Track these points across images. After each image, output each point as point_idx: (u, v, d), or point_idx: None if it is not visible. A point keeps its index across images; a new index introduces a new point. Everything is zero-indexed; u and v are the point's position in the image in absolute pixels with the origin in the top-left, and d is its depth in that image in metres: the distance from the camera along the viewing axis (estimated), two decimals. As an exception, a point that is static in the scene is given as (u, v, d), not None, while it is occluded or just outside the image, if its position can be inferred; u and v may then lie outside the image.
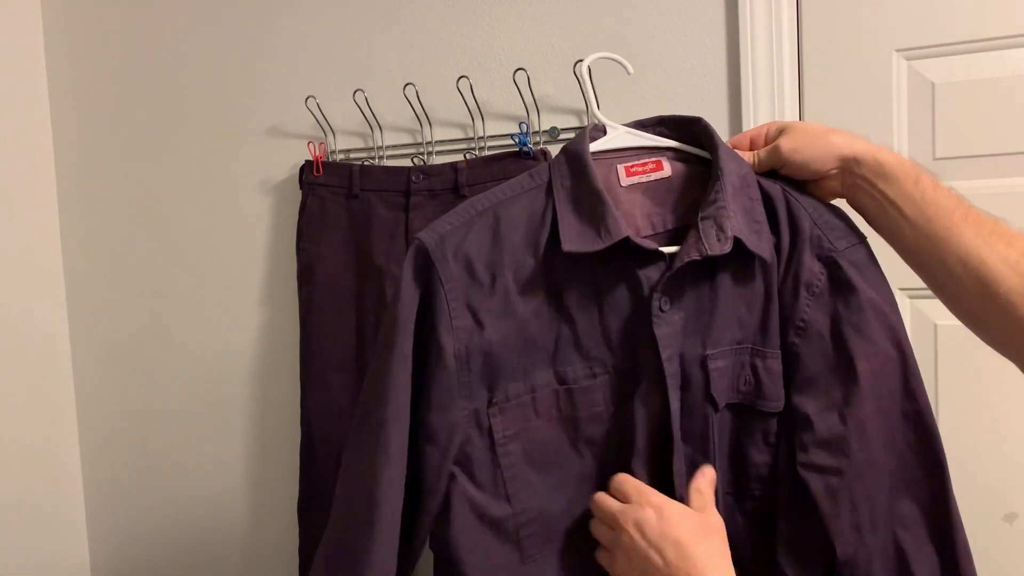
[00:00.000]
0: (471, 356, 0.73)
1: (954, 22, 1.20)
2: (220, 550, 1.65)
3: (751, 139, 0.82)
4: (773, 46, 1.26)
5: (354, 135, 1.50)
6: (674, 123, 0.82)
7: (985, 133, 1.20)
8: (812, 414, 0.73)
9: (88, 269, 1.71)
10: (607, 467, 0.75)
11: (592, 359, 0.75)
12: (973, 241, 0.70)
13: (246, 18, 1.57)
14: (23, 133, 1.66)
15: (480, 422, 0.74)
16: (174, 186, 1.64)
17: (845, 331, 0.74)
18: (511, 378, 0.75)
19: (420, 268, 0.74)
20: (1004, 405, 1.21)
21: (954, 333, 1.24)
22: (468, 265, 0.74)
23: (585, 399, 0.75)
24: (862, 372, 0.73)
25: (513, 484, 0.75)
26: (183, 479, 1.67)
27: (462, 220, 0.76)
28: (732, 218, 0.72)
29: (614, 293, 0.74)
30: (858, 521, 0.72)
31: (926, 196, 0.72)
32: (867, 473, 0.72)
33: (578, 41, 1.37)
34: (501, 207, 0.76)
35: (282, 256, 1.56)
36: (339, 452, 1.43)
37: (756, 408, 0.76)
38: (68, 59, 1.69)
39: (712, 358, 0.74)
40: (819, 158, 0.76)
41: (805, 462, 0.73)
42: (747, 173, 0.77)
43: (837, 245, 0.75)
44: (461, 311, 0.73)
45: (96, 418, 1.72)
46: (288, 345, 1.55)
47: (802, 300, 0.75)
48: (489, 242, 0.75)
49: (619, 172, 0.80)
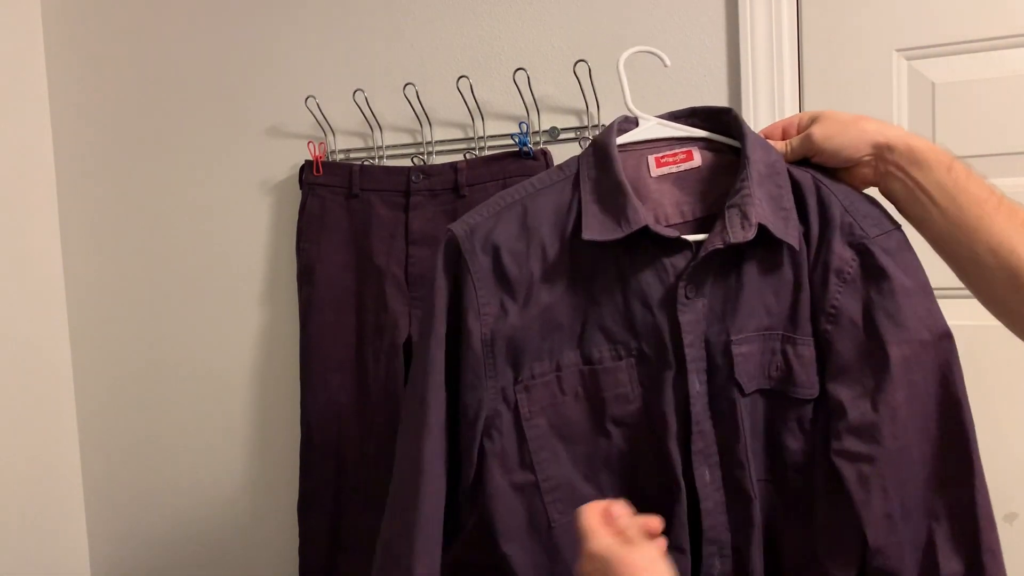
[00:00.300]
0: (496, 340, 0.78)
1: (954, 22, 1.20)
2: (220, 550, 1.65)
3: (783, 128, 0.83)
4: (773, 46, 1.26)
5: (354, 135, 1.50)
6: (705, 113, 0.84)
7: (985, 133, 1.20)
8: (846, 401, 0.74)
9: (88, 270, 1.71)
10: (638, 446, 0.78)
11: (617, 342, 0.78)
12: (1005, 231, 0.70)
13: (246, 18, 1.57)
14: (23, 133, 1.66)
15: (507, 398, 0.79)
16: (174, 186, 1.64)
17: (877, 317, 0.74)
18: (536, 358, 0.79)
19: (450, 258, 0.79)
20: (1004, 405, 1.21)
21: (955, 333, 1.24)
22: (496, 255, 0.78)
23: (610, 379, 0.78)
24: (894, 358, 0.73)
25: (539, 454, 0.78)
26: (183, 479, 1.67)
27: (492, 212, 0.80)
28: (757, 205, 0.73)
29: (640, 280, 0.77)
30: (889, 509, 0.72)
31: (958, 184, 0.72)
32: (899, 461, 0.73)
33: (578, 41, 1.37)
34: (529, 199, 0.80)
35: (282, 256, 1.56)
36: (339, 452, 1.43)
37: (789, 395, 0.77)
38: (68, 59, 1.69)
39: (736, 343, 0.76)
40: (852, 145, 0.76)
41: (838, 449, 0.73)
42: (775, 161, 0.78)
43: (869, 232, 0.76)
44: (488, 298, 0.78)
45: (96, 419, 1.72)
46: (288, 345, 1.55)
47: (832, 287, 0.75)
48: (516, 232, 0.79)
49: (649, 163, 0.83)
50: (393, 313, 1.38)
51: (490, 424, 0.78)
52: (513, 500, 0.78)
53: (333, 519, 1.44)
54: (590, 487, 0.79)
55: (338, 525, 1.44)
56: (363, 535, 1.42)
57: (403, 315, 1.39)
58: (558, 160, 1.36)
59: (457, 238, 0.79)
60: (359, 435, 1.42)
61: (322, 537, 1.45)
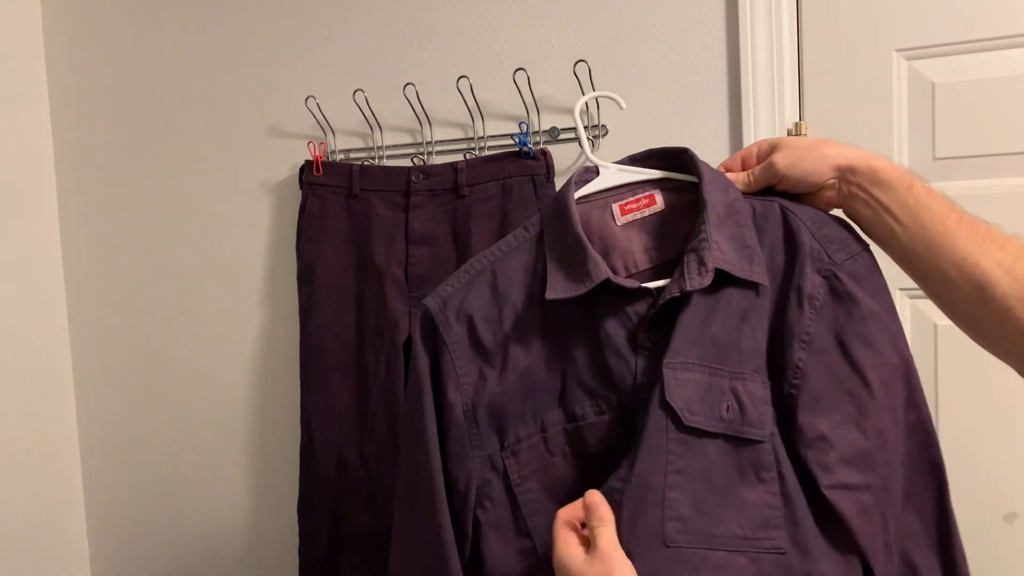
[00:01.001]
0: (477, 408, 0.78)
1: (954, 22, 1.20)
2: (220, 550, 1.65)
3: (742, 159, 0.83)
4: (773, 46, 1.26)
5: (354, 135, 1.50)
6: (663, 155, 0.84)
7: (985, 133, 1.20)
8: (827, 431, 0.71)
9: (88, 270, 1.71)
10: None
11: (598, 396, 0.76)
12: (967, 246, 0.71)
13: (246, 18, 1.57)
14: (23, 133, 1.66)
15: (496, 466, 0.78)
16: (174, 186, 1.64)
17: (851, 343, 0.73)
18: (520, 421, 0.78)
19: (427, 332, 0.80)
20: (1004, 405, 1.21)
21: (954, 333, 1.23)
22: (470, 324, 0.79)
23: (595, 436, 0.76)
24: (874, 383, 0.72)
25: (533, 519, 0.77)
26: (183, 479, 1.67)
27: (463, 282, 0.81)
28: (714, 250, 0.72)
29: (607, 331, 0.76)
30: (888, 538, 0.71)
31: (920, 202, 0.73)
32: (891, 486, 0.72)
33: (578, 41, 1.37)
34: (498, 264, 0.81)
35: (282, 256, 1.56)
36: (339, 452, 1.43)
37: (742, 436, 0.72)
38: (68, 59, 1.69)
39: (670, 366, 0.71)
40: (815, 170, 0.76)
41: (831, 483, 0.70)
42: (734, 200, 0.78)
43: (836, 258, 0.75)
44: (466, 368, 0.78)
45: (96, 419, 1.72)
46: (288, 345, 1.55)
47: (806, 315, 0.74)
48: (488, 299, 0.79)
49: (614, 211, 0.83)
50: (393, 313, 1.38)
51: (481, 494, 0.78)
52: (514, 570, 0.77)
53: (333, 519, 1.44)
54: None
55: (338, 525, 1.44)
56: (363, 535, 1.42)
57: (403, 315, 1.39)
58: (558, 160, 1.37)
59: (431, 311, 0.80)
60: (359, 435, 1.42)
61: (322, 537, 1.45)
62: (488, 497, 0.78)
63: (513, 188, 1.35)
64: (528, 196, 1.34)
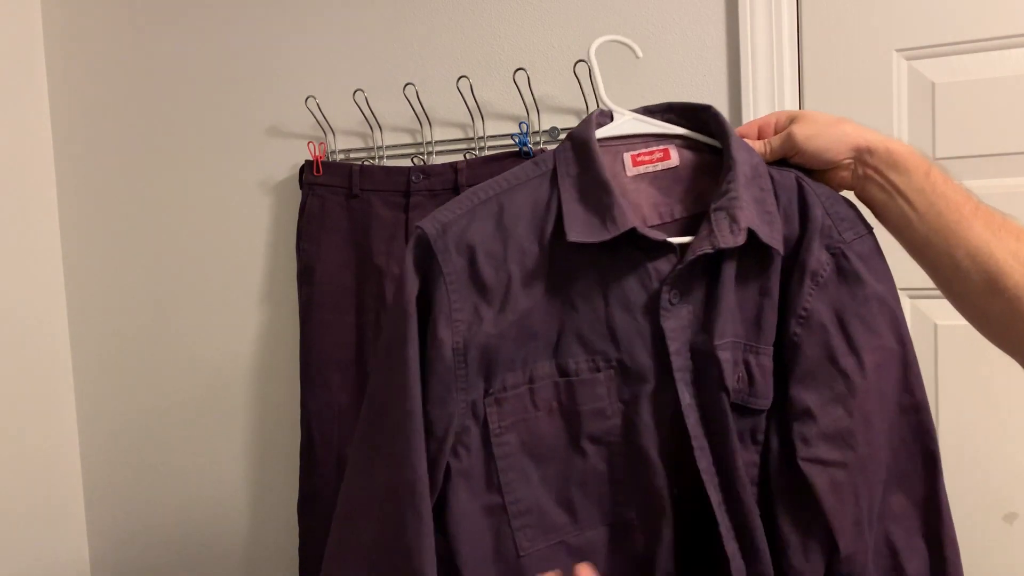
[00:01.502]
0: (468, 349, 0.72)
1: (954, 22, 1.20)
2: (220, 550, 1.65)
3: (759, 128, 0.81)
4: (773, 45, 1.26)
5: (354, 135, 1.50)
6: (682, 110, 0.80)
7: (985, 133, 1.20)
8: (813, 406, 0.72)
9: (88, 269, 1.71)
10: (617, 466, 0.74)
11: (596, 352, 0.73)
12: (982, 235, 0.70)
13: (246, 18, 1.57)
14: (23, 133, 1.66)
15: (476, 412, 0.73)
16: (174, 186, 1.64)
17: (851, 323, 0.73)
18: (509, 368, 0.73)
19: (421, 258, 0.73)
20: (1004, 405, 1.21)
21: (954, 333, 1.24)
22: (471, 256, 0.72)
23: (586, 392, 0.73)
24: (868, 365, 0.72)
25: (507, 474, 0.73)
26: (183, 479, 1.67)
27: (465, 209, 0.74)
28: (745, 209, 0.71)
29: (621, 285, 0.73)
30: (859, 516, 0.71)
31: (936, 189, 0.72)
32: (869, 467, 0.72)
33: (578, 41, 1.37)
34: (505, 196, 0.75)
35: (282, 256, 1.56)
36: (339, 452, 1.43)
37: (747, 406, 0.74)
38: (68, 59, 1.69)
39: (720, 349, 0.72)
40: (832, 147, 0.75)
41: (808, 456, 0.71)
42: (758, 163, 0.76)
43: (845, 236, 0.75)
44: (461, 304, 0.72)
45: (96, 418, 1.72)
46: (288, 345, 1.55)
47: (806, 289, 0.73)
48: (492, 232, 0.73)
49: (625, 161, 0.78)
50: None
51: (457, 441, 0.72)
52: (479, 525, 0.73)
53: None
54: (562, 512, 0.74)
55: (338, 525, 1.44)
56: (363, 535, 1.42)
57: (403, 315, 1.38)
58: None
59: (428, 237, 0.72)
60: (359, 435, 1.42)
61: (322, 537, 1.44)
62: (463, 445, 0.72)
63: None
64: (528, 196, 1.34)
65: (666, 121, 0.80)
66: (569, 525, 0.74)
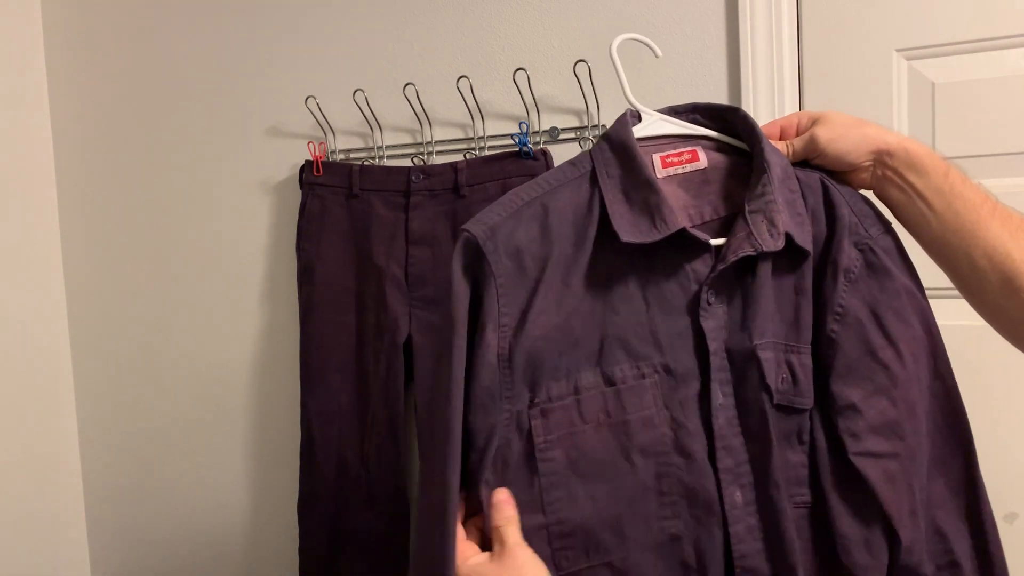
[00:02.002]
0: (514, 355, 0.70)
1: (954, 22, 1.20)
2: (220, 550, 1.65)
3: (781, 128, 0.82)
4: (773, 45, 1.26)
5: (354, 135, 1.50)
6: (709, 111, 0.80)
7: (985, 133, 1.20)
8: (858, 400, 0.72)
9: (88, 269, 1.71)
10: (667, 477, 0.71)
11: (640, 358, 0.72)
12: (999, 236, 0.71)
13: (246, 18, 1.57)
14: (23, 133, 1.66)
15: (520, 424, 0.71)
16: (174, 186, 1.64)
17: (885, 316, 0.74)
18: (553, 377, 0.72)
19: (471, 262, 0.72)
20: (1004, 405, 1.21)
21: (955, 333, 1.24)
22: (518, 258, 0.72)
23: (634, 401, 0.71)
24: (905, 355, 0.73)
25: (551, 493, 0.70)
26: (183, 479, 1.67)
27: (510, 211, 0.73)
28: (782, 212, 0.71)
29: (660, 287, 0.73)
30: (914, 505, 0.71)
31: (955, 189, 0.73)
32: (918, 455, 0.72)
33: (578, 41, 1.37)
34: (548, 197, 0.74)
35: (282, 256, 1.56)
36: (339, 452, 1.43)
37: (793, 406, 0.74)
38: (68, 59, 1.69)
39: (761, 348, 0.72)
40: (854, 150, 0.76)
41: (859, 451, 0.72)
42: (787, 165, 0.77)
43: (871, 232, 0.76)
44: (509, 307, 0.71)
45: (96, 419, 1.72)
46: (288, 345, 1.55)
47: (840, 286, 0.74)
48: (538, 234, 0.73)
49: (655, 162, 0.78)
50: (393, 313, 1.38)
51: (497, 456, 0.70)
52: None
53: (333, 519, 1.44)
54: (609, 533, 0.70)
55: (338, 525, 1.44)
56: (363, 535, 1.42)
57: (403, 315, 1.39)
58: (558, 160, 1.36)
59: (478, 239, 0.71)
60: (359, 435, 1.42)
61: (322, 537, 1.45)
62: (504, 461, 0.70)
63: (513, 188, 1.35)
64: (528, 196, 1.34)
65: (691, 122, 0.80)
66: (616, 547, 0.71)
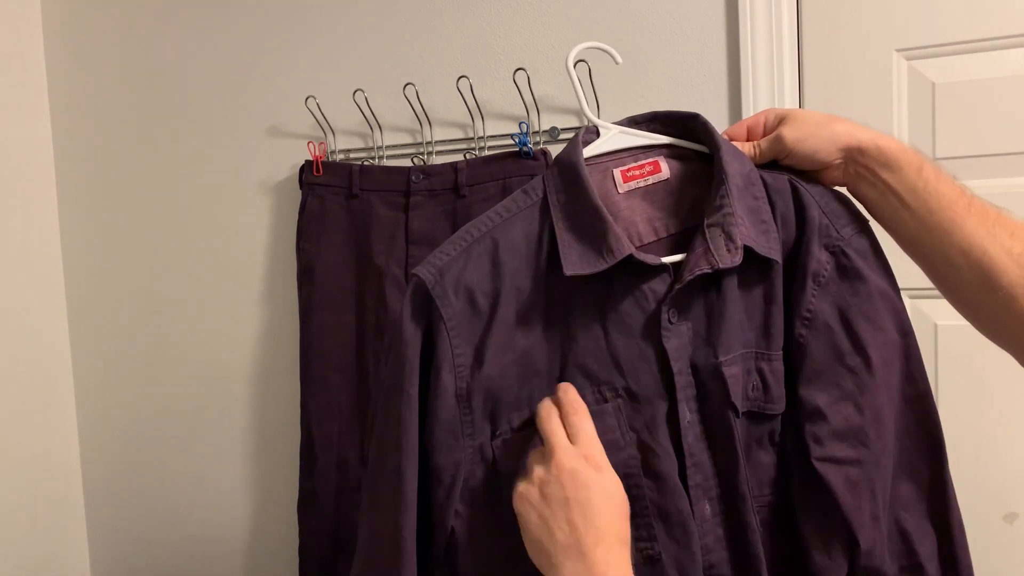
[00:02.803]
0: (472, 394, 0.71)
1: (954, 22, 1.20)
2: (220, 550, 1.65)
3: (748, 128, 0.80)
4: (773, 46, 1.26)
5: (354, 135, 1.50)
6: (668, 119, 0.79)
7: (985, 133, 1.20)
8: (823, 406, 0.72)
9: (88, 269, 1.71)
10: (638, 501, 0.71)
11: (601, 382, 0.72)
12: (976, 232, 0.70)
13: (246, 18, 1.57)
14: (23, 133, 1.66)
15: (484, 456, 0.72)
16: (174, 186, 1.64)
17: (855, 320, 0.73)
18: (515, 408, 0.72)
19: (420, 305, 0.72)
20: (1004, 405, 1.21)
21: (954, 333, 1.24)
22: (469, 298, 0.72)
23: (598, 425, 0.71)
24: (875, 361, 0.72)
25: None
26: (183, 479, 1.67)
27: (459, 250, 0.73)
28: (740, 225, 0.70)
29: (618, 310, 0.72)
30: (876, 510, 0.71)
31: (928, 186, 0.71)
32: (883, 461, 0.72)
33: (578, 41, 1.36)
34: (498, 230, 0.74)
35: (282, 256, 1.56)
36: (339, 452, 1.43)
37: (764, 412, 0.74)
38: (68, 59, 1.69)
39: (726, 364, 0.72)
40: (823, 149, 0.74)
41: (821, 456, 0.71)
42: (750, 171, 0.75)
43: (843, 234, 0.74)
44: (463, 348, 0.71)
45: (96, 419, 1.72)
46: (288, 345, 1.55)
47: (808, 290, 0.73)
48: (488, 270, 0.73)
49: (616, 177, 0.77)
50: (393, 313, 1.38)
51: (465, 487, 0.71)
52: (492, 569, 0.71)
53: (333, 519, 1.44)
54: None
55: (338, 525, 1.44)
56: (363, 535, 1.42)
57: (403, 315, 1.38)
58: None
59: (426, 283, 0.71)
60: (359, 435, 1.42)
61: (322, 537, 1.45)
62: (471, 493, 0.71)
63: (513, 188, 1.35)
64: (528, 196, 1.34)
65: (652, 131, 0.79)
66: None
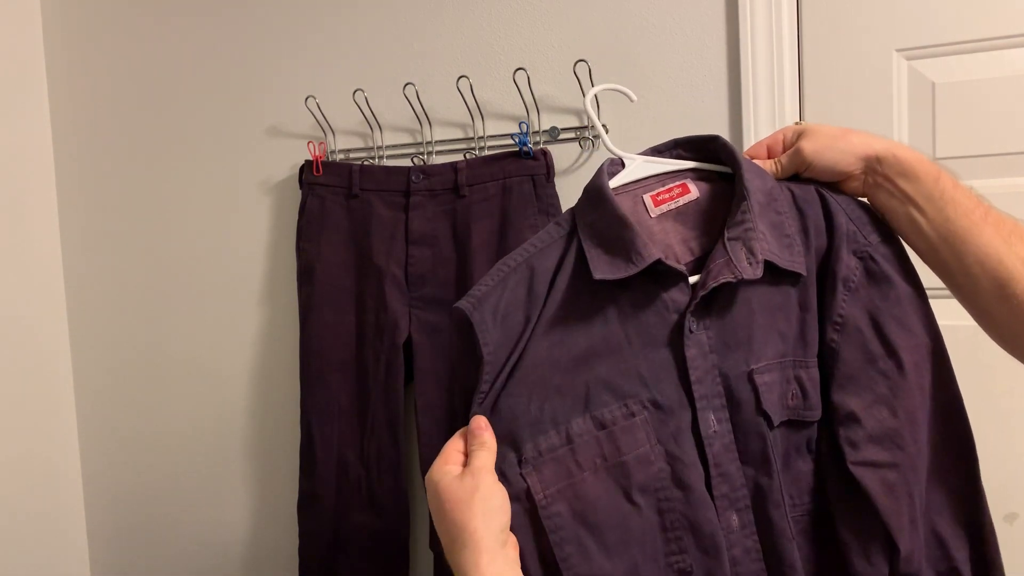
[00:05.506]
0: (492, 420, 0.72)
1: (954, 22, 1.20)
2: (220, 550, 1.65)
3: (768, 147, 0.82)
4: (773, 46, 1.26)
5: (354, 135, 1.50)
6: (689, 144, 0.81)
7: (985, 133, 1.20)
8: (858, 410, 0.73)
9: (88, 270, 1.71)
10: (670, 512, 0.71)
11: (627, 396, 0.72)
12: (992, 241, 0.71)
13: (246, 18, 1.57)
14: (23, 133, 1.66)
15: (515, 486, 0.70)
16: (174, 186, 1.64)
17: (886, 324, 0.74)
18: (539, 431, 0.72)
19: (464, 336, 0.75)
20: (1005, 405, 1.21)
21: (956, 333, 1.24)
22: (505, 324, 0.74)
23: (628, 440, 0.71)
24: (907, 364, 0.73)
25: (563, 549, 0.69)
26: (183, 479, 1.67)
27: (497, 279, 0.76)
28: (762, 240, 0.71)
29: (640, 321, 0.73)
30: (914, 514, 0.71)
31: (946, 195, 0.73)
32: (919, 464, 0.72)
33: (578, 41, 1.37)
34: (535, 259, 0.76)
35: (282, 256, 1.56)
36: (339, 452, 1.44)
37: (803, 420, 0.75)
38: (68, 59, 1.69)
39: (759, 372, 0.73)
40: (842, 160, 0.76)
41: (857, 460, 0.72)
42: (772, 187, 0.77)
43: (870, 239, 0.76)
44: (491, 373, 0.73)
45: (96, 419, 1.72)
46: (288, 345, 1.55)
47: (839, 296, 0.74)
48: (524, 297, 0.75)
49: (646, 203, 0.79)
50: (393, 313, 1.38)
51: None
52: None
53: (333, 519, 1.44)
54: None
55: (338, 525, 1.44)
56: (363, 535, 1.42)
57: (403, 315, 1.39)
58: (558, 160, 1.37)
59: (465, 312, 0.74)
60: (359, 435, 1.42)
61: (322, 537, 1.45)
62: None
63: (513, 188, 1.35)
64: (528, 196, 1.34)
65: (675, 158, 0.81)
66: None
